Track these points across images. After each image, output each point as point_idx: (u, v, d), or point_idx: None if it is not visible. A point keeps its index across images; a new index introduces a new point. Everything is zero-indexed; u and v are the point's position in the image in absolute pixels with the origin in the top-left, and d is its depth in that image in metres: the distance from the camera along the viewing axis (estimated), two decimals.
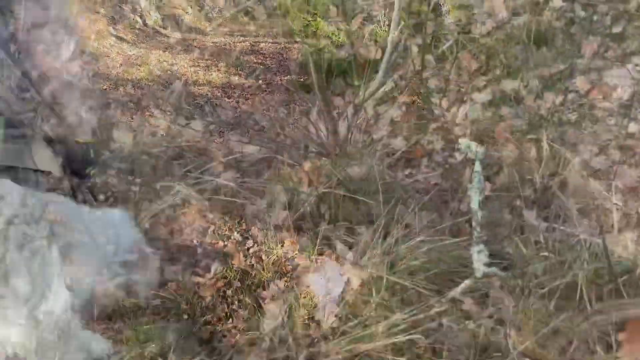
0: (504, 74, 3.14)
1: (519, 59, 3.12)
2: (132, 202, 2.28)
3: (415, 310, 1.70)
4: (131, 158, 2.57)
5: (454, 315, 1.77)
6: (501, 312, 1.81)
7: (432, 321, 1.70)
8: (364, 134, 2.58)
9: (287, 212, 2.32)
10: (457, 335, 1.79)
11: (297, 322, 1.77)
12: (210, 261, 2.13)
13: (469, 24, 3.33)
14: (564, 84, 2.98)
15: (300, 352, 1.70)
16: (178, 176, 2.50)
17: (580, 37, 3.10)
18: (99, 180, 2.31)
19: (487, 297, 1.97)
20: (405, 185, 2.57)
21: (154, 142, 2.77)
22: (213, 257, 2.16)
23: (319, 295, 1.75)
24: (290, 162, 2.45)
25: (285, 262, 2.10)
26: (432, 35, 3.39)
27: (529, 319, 1.76)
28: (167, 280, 2.02)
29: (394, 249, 1.90)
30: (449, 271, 1.96)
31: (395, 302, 1.75)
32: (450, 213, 2.43)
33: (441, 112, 2.90)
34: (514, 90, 3.06)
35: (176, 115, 3.08)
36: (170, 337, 1.88)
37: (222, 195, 2.42)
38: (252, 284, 2.07)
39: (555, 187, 2.44)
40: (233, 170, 2.65)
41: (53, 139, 2.33)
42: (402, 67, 3.34)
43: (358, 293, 1.73)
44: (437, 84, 3.16)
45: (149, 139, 2.79)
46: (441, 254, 1.97)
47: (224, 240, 2.22)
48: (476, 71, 3.26)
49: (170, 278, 2.03)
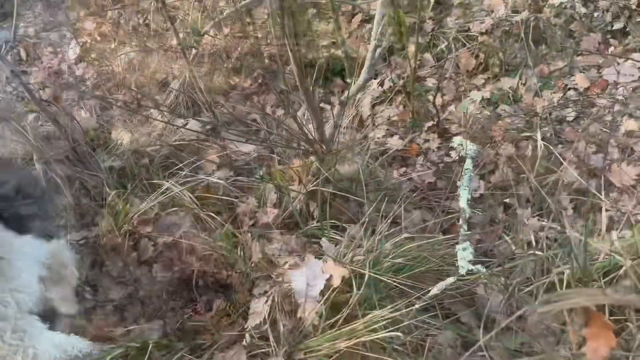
0: (503, 71, 3.10)
1: (518, 57, 3.09)
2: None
3: (396, 307, 1.68)
4: (125, 157, 2.59)
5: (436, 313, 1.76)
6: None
7: (412, 319, 1.67)
8: (355, 132, 2.57)
9: (277, 210, 2.32)
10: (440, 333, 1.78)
11: (279, 319, 1.77)
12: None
13: (467, 22, 3.30)
14: (563, 82, 2.94)
15: (280, 348, 1.69)
16: (170, 174, 2.51)
17: (580, 34, 3.06)
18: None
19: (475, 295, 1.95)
20: (397, 183, 2.55)
21: (149, 141, 2.78)
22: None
23: (300, 292, 1.73)
24: (281, 160, 2.45)
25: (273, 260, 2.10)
26: (430, 33, 3.37)
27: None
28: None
29: (379, 246, 1.88)
30: (434, 269, 1.94)
31: (377, 299, 1.74)
32: (442, 211, 2.41)
33: (437, 110, 2.88)
34: (513, 88, 3.03)
35: (173, 115, 3.10)
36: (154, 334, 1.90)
37: (213, 193, 2.43)
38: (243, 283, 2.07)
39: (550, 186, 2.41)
40: (226, 169, 2.66)
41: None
42: (400, 66, 3.33)
43: (339, 290, 1.72)
44: (435, 82, 3.14)
45: (145, 138, 2.80)
46: (427, 252, 1.95)
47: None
48: (475, 69, 3.24)
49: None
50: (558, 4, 3.09)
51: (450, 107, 3.05)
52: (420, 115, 3.00)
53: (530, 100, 2.94)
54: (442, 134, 2.91)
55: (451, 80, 3.23)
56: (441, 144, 2.86)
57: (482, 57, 3.20)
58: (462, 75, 3.21)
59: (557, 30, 3.04)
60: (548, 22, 3.08)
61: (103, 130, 3.07)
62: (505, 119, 2.85)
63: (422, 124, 2.95)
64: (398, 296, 1.78)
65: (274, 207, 2.34)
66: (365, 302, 1.75)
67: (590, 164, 2.47)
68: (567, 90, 2.89)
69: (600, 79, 2.88)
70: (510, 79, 3.06)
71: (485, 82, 3.14)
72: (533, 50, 3.05)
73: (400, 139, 2.91)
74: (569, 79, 2.95)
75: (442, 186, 2.63)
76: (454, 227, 2.32)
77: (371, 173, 2.47)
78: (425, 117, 2.98)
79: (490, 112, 2.93)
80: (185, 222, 2.25)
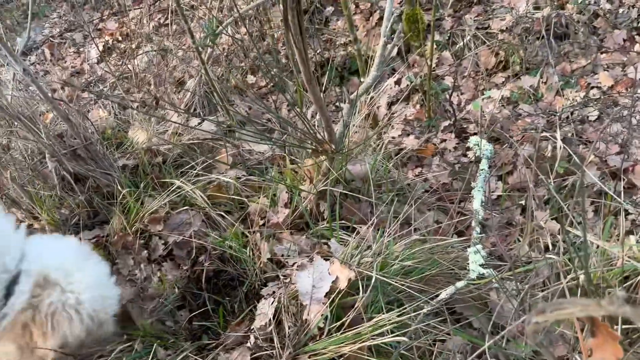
0: (523, 70, 3.02)
1: (539, 55, 3.00)
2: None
3: (404, 311, 1.64)
4: (139, 155, 2.60)
5: (445, 317, 1.70)
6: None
7: (420, 323, 1.63)
8: (369, 131, 2.53)
9: (287, 210, 2.29)
10: (450, 338, 1.73)
11: (285, 321, 1.74)
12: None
13: (487, 19, 3.23)
14: (586, 80, 2.85)
15: (284, 351, 1.67)
16: (181, 173, 2.51)
17: (604, 31, 2.96)
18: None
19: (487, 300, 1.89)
20: (411, 184, 2.50)
21: (164, 140, 2.79)
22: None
23: (305, 294, 1.70)
24: (293, 159, 2.43)
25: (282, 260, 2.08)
26: (449, 30, 3.31)
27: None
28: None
29: (388, 248, 1.84)
30: (445, 272, 1.88)
31: (384, 302, 1.69)
32: (457, 212, 2.35)
33: (454, 109, 2.82)
34: (533, 87, 2.95)
35: (189, 114, 3.10)
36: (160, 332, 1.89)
37: (224, 192, 2.42)
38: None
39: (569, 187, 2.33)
40: (238, 168, 2.65)
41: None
42: (417, 64, 3.27)
43: (345, 292, 1.68)
44: (452, 81, 3.08)
45: (159, 137, 2.81)
46: (439, 254, 1.90)
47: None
48: (494, 67, 3.17)
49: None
50: (582, 0, 2.99)
51: (468, 106, 2.99)
52: (437, 114, 2.94)
53: (552, 99, 2.86)
54: (460, 134, 2.85)
55: (470, 79, 3.16)
56: (458, 144, 2.80)
57: (502, 55, 3.12)
58: (481, 73, 3.14)
59: (580, 27, 2.95)
60: (571, 18, 2.99)
61: (120, 129, 3.10)
62: (524, 118, 2.78)
63: (439, 123, 2.89)
64: (406, 300, 1.73)
65: (285, 206, 2.31)
66: (372, 305, 1.71)
67: (611, 165, 2.38)
68: (590, 89, 2.80)
69: (624, 78, 2.78)
70: (531, 77, 2.98)
71: (505, 80, 3.07)
72: (555, 48, 2.97)
73: (416, 138, 2.86)
74: (592, 77, 2.86)
75: (457, 187, 2.57)
76: (469, 229, 2.26)
77: (384, 173, 2.43)
78: (442, 117, 2.93)
79: (510, 111, 2.85)
80: (196, 221, 2.25)
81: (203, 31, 3.49)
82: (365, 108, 2.40)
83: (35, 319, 1.45)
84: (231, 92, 3.33)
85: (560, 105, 2.67)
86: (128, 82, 3.81)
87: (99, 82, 4.03)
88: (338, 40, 3.56)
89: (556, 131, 2.51)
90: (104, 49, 4.65)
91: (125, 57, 4.24)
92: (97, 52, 4.62)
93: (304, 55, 1.63)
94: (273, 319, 1.73)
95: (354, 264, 1.76)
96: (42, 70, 4.53)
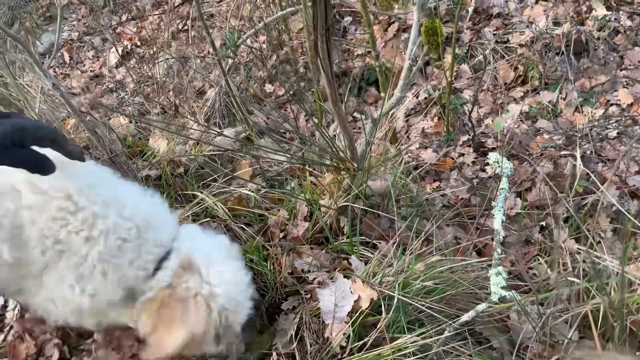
0: (542, 85, 3.03)
1: (559, 70, 3.01)
2: None
3: (425, 333, 1.66)
4: (161, 166, 2.63)
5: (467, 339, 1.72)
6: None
7: (442, 345, 1.65)
8: (388, 146, 2.55)
9: (307, 223, 2.32)
10: None
11: (307, 337, 1.77)
12: None
13: (507, 33, 3.24)
14: (605, 97, 2.85)
15: None
16: (203, 185, 2.54)
17: (624, 48, 2.96)
18: None
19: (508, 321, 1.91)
20: (430, 199, 2.52)
21: (184, 151, 2.82)
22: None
23: (328, 313, 1.73)
24: (312, 172, 2.45)
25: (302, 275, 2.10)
26: (468, 44, 3.32)
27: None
28: None
29: (409, 267, 1.86)
30: (466, 292, 1.90)
31: (406, 322, 1.71)
32: (476, 229, 2.36)
33: (473, 124, 2.83)
34: (552, 103, 2.96)
35: (209, 123, 3.14)
36: None
37: (245, 205, 2.45)
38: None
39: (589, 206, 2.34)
40: (258, 180, 2.67)
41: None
42: (436, 77, 3.29)
43: (367, 312, 1.71)
44: (471, 94, 3.09)
45: (180, 147, 2.85)
46: (458, 274, 1.92)
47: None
48: (513, 82, 3.17)
49: None
50: (602, 17, 2.99)
51: (487, 120, 3.00)
52: (455, 128, 2.96)
53: (571, 116, 2.86)
54: (478, 148, 2.86)
55: (488, 92, 3.17)
56: (476, 158, 2.81)
57: (521, 69, 3.13)
58: (500, 87, 3.15)
59: (600, 43, 2.95)
60: (591, 35, 2.99)
61: (141, 137, 3.13)
62: (543, 134, 2.79)
63: (457, 137, 2.91)
64: (427, 319, 1.75)
65: (305, 220, 2.34)
66: (393, 325, 1.73)
67: (631, 184, 2.39)
68: (610, 106, 2.81)
69: None
70: (550, 92, 2.99)
71: (524, 95, 3.08)
72: (574, 64, 2.97)
73: (434, 152, 2.88)
74: (611, 95, 2.86)
75: (476, 202, 2.59)
76: (488, 247, 2.28)
77: (403, 188, 2.45)
78: (460, 131, 2.94)
79: (529, 126, 2.86)
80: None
81: (223, 40, 3.53)
82: (385, 124, 2.42)
83: (170, 300, 1.43)
84: (250, 101, 3.36)
85: (580, 123, 2.67)
86: (149, 89, 3.86)
87: (119, 89, 4.07)
88: (356, 51, 3.58)
89: (575, 149, 2.52)
90: (123, 54, 4.69)
91: (144, 63, 4.28)
92: (117, 56, 4.67)
93: (330, 78, 1.65)
94: (295, 336, 1.76)
95: (376, 283, 1.78)
96: (61, 74, 4.59)
